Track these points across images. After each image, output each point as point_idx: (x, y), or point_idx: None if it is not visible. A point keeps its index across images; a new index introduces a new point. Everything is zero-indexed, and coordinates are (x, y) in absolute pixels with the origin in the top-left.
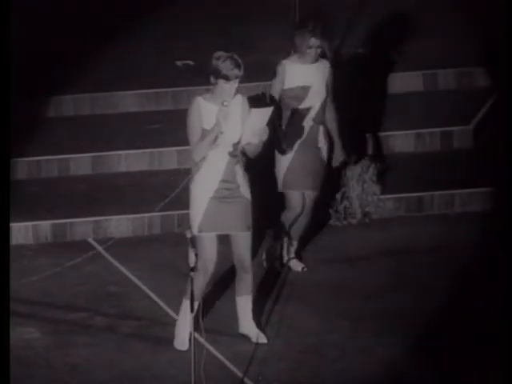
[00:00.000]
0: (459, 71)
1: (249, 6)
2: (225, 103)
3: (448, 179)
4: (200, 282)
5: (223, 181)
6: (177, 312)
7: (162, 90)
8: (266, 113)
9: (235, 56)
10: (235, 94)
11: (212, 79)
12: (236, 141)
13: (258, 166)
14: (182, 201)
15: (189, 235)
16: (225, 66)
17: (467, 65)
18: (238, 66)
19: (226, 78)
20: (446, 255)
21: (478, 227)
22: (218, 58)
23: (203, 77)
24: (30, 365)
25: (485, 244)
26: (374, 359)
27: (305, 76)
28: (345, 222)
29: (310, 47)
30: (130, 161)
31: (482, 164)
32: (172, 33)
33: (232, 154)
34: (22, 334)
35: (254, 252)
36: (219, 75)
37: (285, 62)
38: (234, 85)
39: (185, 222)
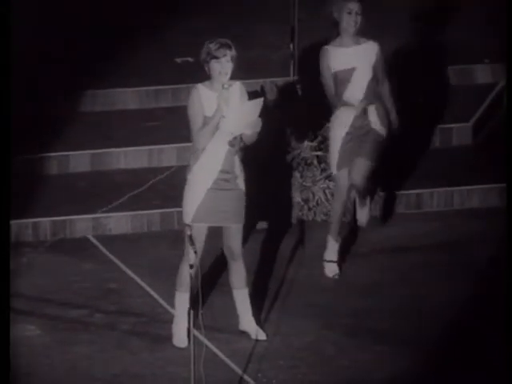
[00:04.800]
0: (459, 69)
1: (248, 3)
2: (225, 85)
3: (447, 176)
4: (188, 273)
5: (222, 171)
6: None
7: (162, 87)
8: (257, 104)
9: (223, 38)
10: (233, 81)
11: (206, 67)
12: (234, 131)
13: (255, 160)
14: (181, 198)
15: (188, 232)
16: (212, 46)
17: (467, 62)
18: (225, 44)
19: (216, 57)
20: (445, 252)
21: (478, 224)
22: (206, 43)
23: (202, 74)
24: (29, 362)
25: (484, 241)
26: (373, 357)
27: (347, 59)
28: (344, 220)
29: (349, 12)
30: (129, 158)
31: (481, 161)
32: (172, 30)
33: (231, 143)
34: (22, 331)
35: (253, 249)
36: (209, 56)
37: (327, 47)
38: (226, 64)
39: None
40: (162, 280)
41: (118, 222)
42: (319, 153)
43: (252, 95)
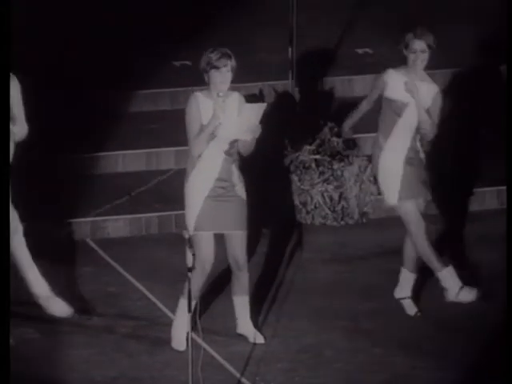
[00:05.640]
0: (457, 71)
1: (247, 6)
2: (220, 94)
3: (447, 177)
4: (197, 282)
5: (219, 179)
6: (174, 312)
7: (160, 91)
8: (258, 108)
9: (223, 48)
10: (232, 91)
11: (205, 76)
12: (232, 137)
13: (253, 164)
14: (179, 201)
15: (186, 235)
16: (213, 55)
17: (465, 65)
18: (225, 54)
19: (216, 67)
20: (445, 254)
21: (477, 226)
22: (206, 52)
23: (201, 77)
24: (28, 365)
25: (484, 243)
26: (371, 359)
27: (404, 92)
28: (342, 223)
29: (414, 52)
30: (127, 161)
31: (481, 163)
32: (170, 33)
33: (228, 153)
34: (21, 334)
35: (251, 252)
36: (209, 66)
37: (391, 70)
38: (226, 73)
39: (182, 221)
40: (161, 283)
41: (116, 225)
42: (317, 156)
43: (252, 99)
